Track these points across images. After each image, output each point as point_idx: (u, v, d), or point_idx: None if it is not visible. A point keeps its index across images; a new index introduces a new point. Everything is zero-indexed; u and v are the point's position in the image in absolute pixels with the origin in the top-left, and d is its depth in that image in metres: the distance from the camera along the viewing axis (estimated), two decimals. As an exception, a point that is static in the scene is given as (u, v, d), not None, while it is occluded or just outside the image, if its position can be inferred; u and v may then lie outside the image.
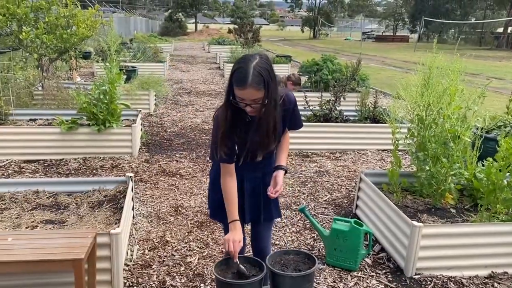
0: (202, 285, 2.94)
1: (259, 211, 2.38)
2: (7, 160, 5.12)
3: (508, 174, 3.30)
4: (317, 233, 3.65)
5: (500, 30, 41.68)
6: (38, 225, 3.09)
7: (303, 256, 2.12)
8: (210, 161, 5.42)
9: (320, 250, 3.44)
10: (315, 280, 2.99)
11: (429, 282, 3.03)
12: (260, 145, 2.17)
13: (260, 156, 2.24)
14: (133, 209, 3.88)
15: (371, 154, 5.92)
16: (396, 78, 15.20)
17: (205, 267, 3.15)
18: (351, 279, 3.07)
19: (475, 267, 3.15)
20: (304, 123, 2.58)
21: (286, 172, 2.31)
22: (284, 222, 3.89)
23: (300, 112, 2.38)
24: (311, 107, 6.17)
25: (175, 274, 3.05)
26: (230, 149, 2.13)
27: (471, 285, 3.04)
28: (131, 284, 2.92)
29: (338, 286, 2.98)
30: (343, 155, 5.84)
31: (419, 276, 3.08)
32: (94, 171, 4.92)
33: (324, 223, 3.90)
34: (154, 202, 4.21)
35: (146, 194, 4.37)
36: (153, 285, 2.93)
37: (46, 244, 2.49)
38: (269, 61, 2.00)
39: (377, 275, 3.13)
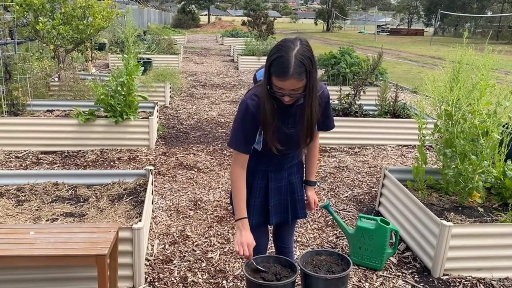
0: (224, 282, 2.88)
1: (286, 212, 2.27)
2: (24, 151, 5.11)
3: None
4: (340, 230, 3.57)
5: (518, 24, 40.76)
6: (58, 218, 3.05)
7: (336, 257, 2.03)
8: (227, 154, 5.36)
9: (344, 248, 3.35)
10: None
11: (457, 284, 2.93)
12: (296, 138, 2.05)
13: (292, 150, 2.14)
14: (152, 203, 3.83)
15: (391, 150, 5.80)
16: (413, 72, 15.02)
17: (226, 263, 3.09)
18: (377, 278, 2.99)
19: (506, 268, 3.04)
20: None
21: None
22: (305, 218, 3.81)
23: None
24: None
25: (196, 270, 2.99)
26: (252, 139, 2.01)
27: (501, 287, 2.94)
28: (152, 280, 2.87)
29: (364, 286, 2.90)
30: (362, 150, 5.73)
31: (447, 277, 2.99)
32: (112, 163, 4.88)
33: (346, 220, 3.81)
34: (173, 195, 4.16)
35: (165, 187, 4.32)
36: (175, 281, 2.87)
37: (68, 238, 2.44)
38: (310, 47, 1.84)
39: (403, 275, 3.04)
